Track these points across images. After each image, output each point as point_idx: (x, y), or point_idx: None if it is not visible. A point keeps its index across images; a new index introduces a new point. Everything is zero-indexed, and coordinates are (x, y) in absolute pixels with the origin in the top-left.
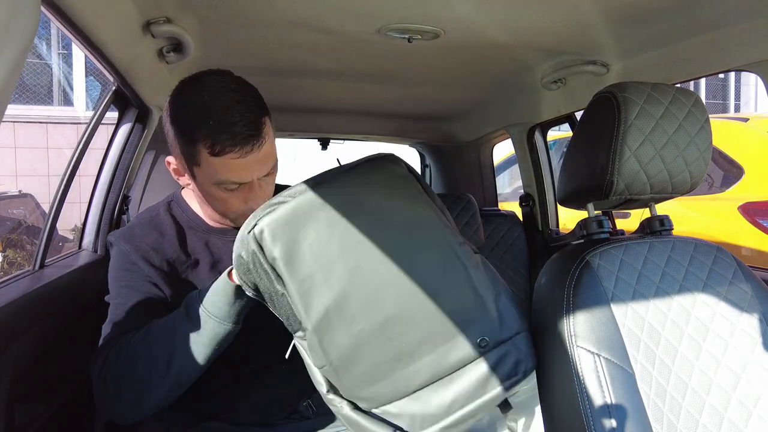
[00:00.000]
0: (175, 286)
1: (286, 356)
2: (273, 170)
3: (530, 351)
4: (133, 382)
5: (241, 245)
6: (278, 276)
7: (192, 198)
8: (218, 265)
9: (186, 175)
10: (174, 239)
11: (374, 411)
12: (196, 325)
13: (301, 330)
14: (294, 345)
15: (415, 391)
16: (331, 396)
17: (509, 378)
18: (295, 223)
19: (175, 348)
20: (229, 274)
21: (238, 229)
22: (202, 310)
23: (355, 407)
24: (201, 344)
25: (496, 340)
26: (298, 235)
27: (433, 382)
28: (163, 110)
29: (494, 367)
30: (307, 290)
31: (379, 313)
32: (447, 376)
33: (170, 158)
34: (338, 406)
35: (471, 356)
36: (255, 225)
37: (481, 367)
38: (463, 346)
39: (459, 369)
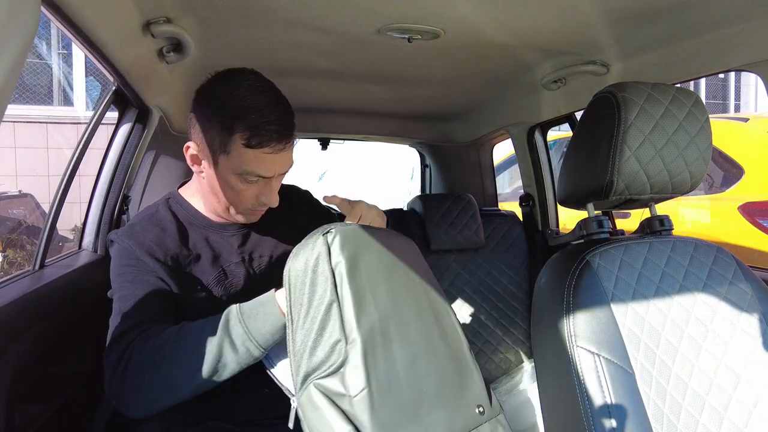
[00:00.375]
0: (179, 279)
1: (290, 425)
2: (288, 170)
3: None
4: (154, 382)
5: (307, 248)
6: (335, 283)
7: (191, 194)
8: (219, 259)
9: (205, 162)
10: (175, 234)
11: None
12: (234, 344)
13: (331, 362)
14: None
15: None
16: None
17: None
18: (360, 240)
19: (205, 359)
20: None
21: (238, 224)
22: (244, 333)
23: None
24: (234, 362)
25: (488, 414)
26: (360, 250)
27: None
28: (194, 97)
29: None
30: (361, 299)
31: (410, 345)
32: None
33: (191, 143)
34: None
35: (472, 423)
36: (328, 231)
37: None
38: (466, 409)
39: None
